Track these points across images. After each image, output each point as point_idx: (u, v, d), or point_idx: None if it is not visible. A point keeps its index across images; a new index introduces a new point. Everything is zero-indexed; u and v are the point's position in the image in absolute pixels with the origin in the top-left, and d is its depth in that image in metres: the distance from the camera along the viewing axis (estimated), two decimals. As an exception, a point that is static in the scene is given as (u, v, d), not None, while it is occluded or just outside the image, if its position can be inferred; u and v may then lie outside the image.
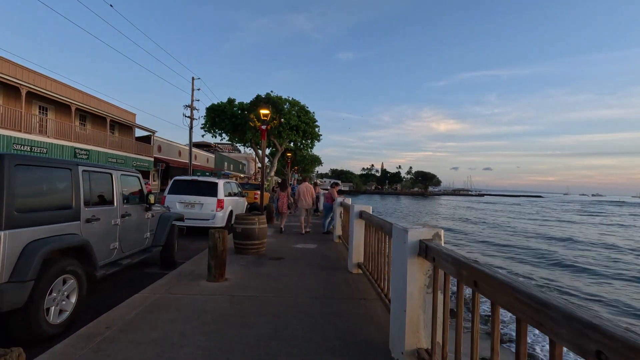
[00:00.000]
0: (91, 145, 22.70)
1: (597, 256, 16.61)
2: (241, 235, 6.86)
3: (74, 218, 3.67)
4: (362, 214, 5.54)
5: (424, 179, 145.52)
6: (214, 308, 3.98)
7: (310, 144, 25.22)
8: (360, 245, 5.76)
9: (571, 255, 16.23)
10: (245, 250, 6.89)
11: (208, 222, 9.44)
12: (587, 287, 11.01)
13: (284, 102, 22.45)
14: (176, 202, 9.44)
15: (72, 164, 3.76)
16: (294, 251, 7.56)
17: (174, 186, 9.74)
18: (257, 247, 6.93)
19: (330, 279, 5.44)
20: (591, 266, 14.18)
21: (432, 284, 2.78)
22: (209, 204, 9.51)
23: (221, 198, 9.69)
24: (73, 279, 3.54)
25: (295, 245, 8.31)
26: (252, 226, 6.87)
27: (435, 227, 2.88)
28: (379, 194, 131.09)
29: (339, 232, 8.96)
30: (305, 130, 22.97)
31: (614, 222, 36.09)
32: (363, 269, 5.51)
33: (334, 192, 10.32)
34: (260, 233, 6.94)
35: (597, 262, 15.24)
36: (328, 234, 10.29)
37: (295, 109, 22.89)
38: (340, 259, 6.85)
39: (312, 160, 53.39)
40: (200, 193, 9.63)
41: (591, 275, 12.73)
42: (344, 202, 8.60)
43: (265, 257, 6.81)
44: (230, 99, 23.88)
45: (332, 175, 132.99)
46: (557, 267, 13.89)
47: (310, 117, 23.37)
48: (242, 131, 23.27)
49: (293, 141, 24.12)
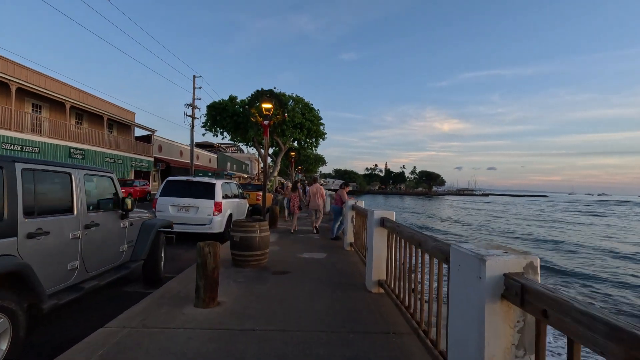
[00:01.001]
0: (87, 145, 21.86)
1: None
2: (239, 245, 5.89)
3: (7, 233, 2.71)
4: (385, 222, 4.54)
5: (428, 178, 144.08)
6: (198, 350, 3.01)
7: (315, 142, 24.21)
8: (381, 260, 4.76)
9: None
10: (244, 262, 5.91)
11: (204, 227, 8.47)
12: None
13: (287, 98, 21.48)
14: (169, 206, 8.49)
15: (6, 160, 2.80)
16: (300, 262, 6.57)
17: (166, 187, 8.79)
18: (258, 258, 5.96)
19: (346, 301, 4.44)
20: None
21: (522, 344, 1.80)
22: (206, 207, 8.55)
23: (219, 200, 8.72)
24: (3, 318, 2.58)
25: (301, 254, 7.32)
26: (251, 234, 5.89)
27: (525, 253, 1.89)
28: (382, 193, 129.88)
29: (350, 239, 7.97)
30: (310, 129, 21.95)
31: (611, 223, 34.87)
32: (386, 288, 4.51)
33: (344, 194, 9.34)
34: (261, 242, 5.96)
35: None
36: (337, 239, 9.31)
37: (300, 106, 21.90)
38: (355, 273, 5.86)
39: (316, 160, 52.44)
40: (196, 195, 8.67)
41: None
42: (357, 204, 7.61)
43: (268, 270, 5.83)
44: (232, 97, 22.94)
45: (336, 176, 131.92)
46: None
47: (314, 114, 22.37)
48: (244, 129, 22.32)
49: (297, 140, 23.14)
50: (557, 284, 11.55)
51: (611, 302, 10.07)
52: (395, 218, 4.70)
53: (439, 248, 2.58)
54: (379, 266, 4.81)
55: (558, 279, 12.33)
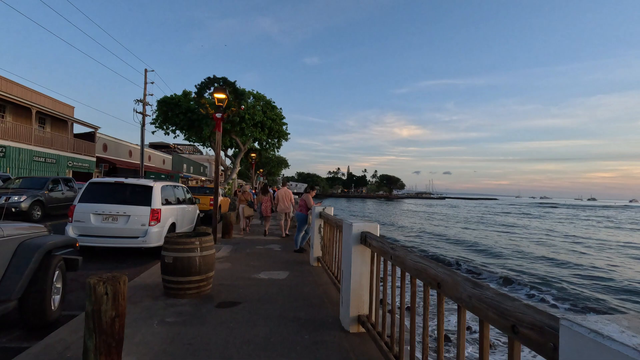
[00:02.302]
0: (9, 141, 18.80)
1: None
2: (172, 269, 4.43)
3: None
4: (368, 238, 3.36)
5: (388, 182, 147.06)
6: None
7: (277, 143, 22.78)
8: (362, 290, 3.58)
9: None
10: (179, 291, 4.46)
11: (137, 240, 6.83)
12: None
13: (247, 95, 19.91)
14: (90, 214, 6.75)
15: None
16: (256, 286, 5.21)
17: (88, 192, 7.02)
18: (198, 285, 4.53)
19: (318, 350, 3.20)
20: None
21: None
22: (139, 216, 6.91)
23: (157, 207, 7.12)
24: None
25: (258, 274, 5.96)
26: (189, 254, 4.46)
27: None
28: (345, 197, 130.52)
29: (317, 253, 6.74)
30: (272, 128, 20.49)
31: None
32: (370, 328, 3.33)
33: (309, 199, 8.11)
34: (203, 264, 4.55)
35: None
36: (302, 252, 8.04)
37: (261, 104, 20.40)
38: (325, 302, 4.62)
39: (278, 163, 50.79)
40: (127, 201, 7.01)
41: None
42: (325, 212, 6.41)
43: (211, 301, 4.43)
44: (186, 92, 20.88)
45: (299, 179, 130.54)
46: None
47: (277, 113, 20.97)
48: (198, 127, 20.40)
49: (258, 140, 21.57)
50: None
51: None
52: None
53: (467, 289, 1.42)
54: (359, 297, 3.62)
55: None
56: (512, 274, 13.51)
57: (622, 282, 12.74)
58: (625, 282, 12.65)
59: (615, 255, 18.75)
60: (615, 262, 16.72)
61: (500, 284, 12.22)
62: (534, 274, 13.64)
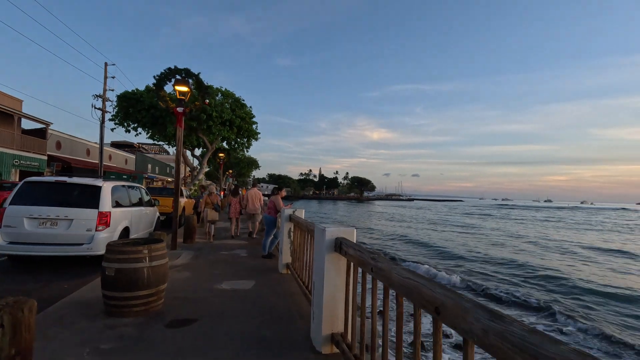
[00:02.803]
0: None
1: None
2: (114, 283, 3.77)
3: None
4: (344, 245, 2.91)
5: (359, 184, 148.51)
6: None
7: (247, 143, 21.98)
8: (336, 304, 3.12)
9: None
10: (123, 309, 3.80)
11: (81, 248, 6.00)
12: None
13: (215, 91, 19.03)
14: (24, 218, 5.85)
15: None
16: (217, 298, 4.62)
17: (22, 192, 6.09)
18: (146, 301, 3.89)
19: (282, 380, 2.70)
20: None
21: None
22: (84, 220, 6.09)
23: (106, 210, 6.31)
24: None
25: (220, 284, 5.35)
26: (135, 264, 3.82)
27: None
28: (316, 199, 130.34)
29: (286, 260, 6.22)
30: (241, 127, 19.68)
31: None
32: (345, 350, 2.87)
33: (278, 200, 7.57)
34: (153, 276, 3.91)
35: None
36: (270, 257, 7.49)
37: (230, 101, 19.56)
38: (294, 315, 4.12)
39: (248, 163, 49.56)
40: (70, 203, 6.15)
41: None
42: (295, 215, 5.92)
43: (162, 319, 3.80)
44: (149, 87, 19.64)
45: (270, 180, 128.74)
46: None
47: (246, 111, 20.18)
48: (162, 125, 19.26)
49: (226, 139, 20.66)
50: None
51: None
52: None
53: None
54: (333, 313, 3.16)
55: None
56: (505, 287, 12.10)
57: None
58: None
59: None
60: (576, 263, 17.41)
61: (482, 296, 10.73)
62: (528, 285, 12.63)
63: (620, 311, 9.96)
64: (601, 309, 10.10)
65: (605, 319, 9.27)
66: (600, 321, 8.99)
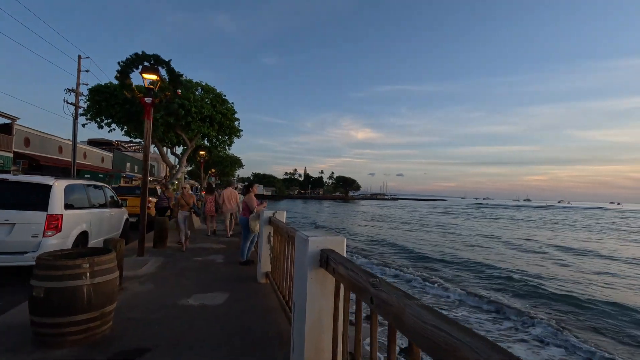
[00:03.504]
0: None
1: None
2: (45, 305, 3.01)
3: None
4: (332, 261, 2.26)
5: (345, 183, 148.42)
6: None
7: (228, 140, 21.04)
8: (321, 333, 2.48)
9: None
10: (55, 337, 3.04)
11: (25, 257, 5.14)
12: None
13: (195, 85, 18.07)
14: (-46, 223, 4.97)
15: None
16: (179, 319, 3.89)
17: (-47, 192, 5.20)
18: (86, 327, 3.14)
19: None
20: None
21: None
22: (29, 224, 5.24)
23: (56, 212, 5.47)
24: None
25: (187, 298, 4.61)
26: (72, 282, 3.06)
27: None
28: (301, 198, 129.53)
29: (266, 268, 5.54)
30: (222, 123, 18.74)
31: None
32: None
33: (250, 200, 6.80)
34: (95, 295, 3.17)
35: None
36: (248, 264, 6.77)
37: (210, 97, 18.62)
38: (273, 340, 3.45)
39: (232, 162, 48.34)
40: (12, 204, 5.29)
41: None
42: (275, 218, 5.24)
43: (105, 350, 3.06)
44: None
45: (255, 180, 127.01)
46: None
47: (228, 107, 19.25)
48: (138, 121, 18.16)
49: (206, 136, 19.70)
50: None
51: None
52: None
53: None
54: (317, 344, 2.51)
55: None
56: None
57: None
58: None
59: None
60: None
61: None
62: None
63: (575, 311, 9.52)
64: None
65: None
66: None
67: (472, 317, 8.34)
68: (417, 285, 11.04)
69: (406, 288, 10.36)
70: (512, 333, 7.57)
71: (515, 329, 7.83)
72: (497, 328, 7.79)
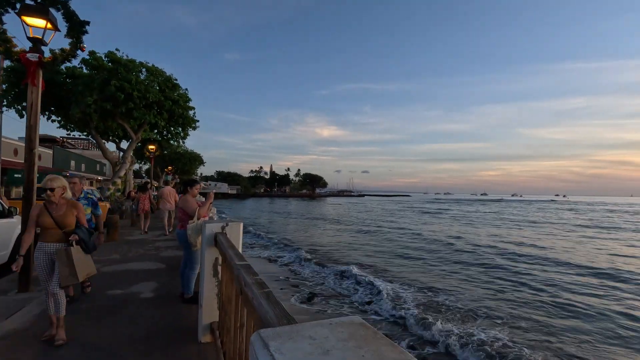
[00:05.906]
0: None
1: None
2: None
3: None
4: None
5: (311, 181, 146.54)
6: None
7: (182, 132, 18.34)
8: None
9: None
10: None
11: None
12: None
13: (137, 66, 15.18)
14: None
15: None
16: None
17: None
18: None
19: None
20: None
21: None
22: None
23: None
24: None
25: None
26: None
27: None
28: (268, 196, 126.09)
29: (210, 317, 3.38)
30: (173, 111, 16.05)
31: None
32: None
33: (188, 202, 4.60)
34: None
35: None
36: (195, 301, 4.54)
37: (158, 80, 15.83)
38: None
39: (191, 159, 44.77)
40: None
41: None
42: (224, 235, 3.11)
43: None
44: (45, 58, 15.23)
45: (219, 178, 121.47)
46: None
47: (180, 93, 16.58)
48: (68, 107, 15.04)
49: (155, 126, 16.89)
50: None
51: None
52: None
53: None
54: None
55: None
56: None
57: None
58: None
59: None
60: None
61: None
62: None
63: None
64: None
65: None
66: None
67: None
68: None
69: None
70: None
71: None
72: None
